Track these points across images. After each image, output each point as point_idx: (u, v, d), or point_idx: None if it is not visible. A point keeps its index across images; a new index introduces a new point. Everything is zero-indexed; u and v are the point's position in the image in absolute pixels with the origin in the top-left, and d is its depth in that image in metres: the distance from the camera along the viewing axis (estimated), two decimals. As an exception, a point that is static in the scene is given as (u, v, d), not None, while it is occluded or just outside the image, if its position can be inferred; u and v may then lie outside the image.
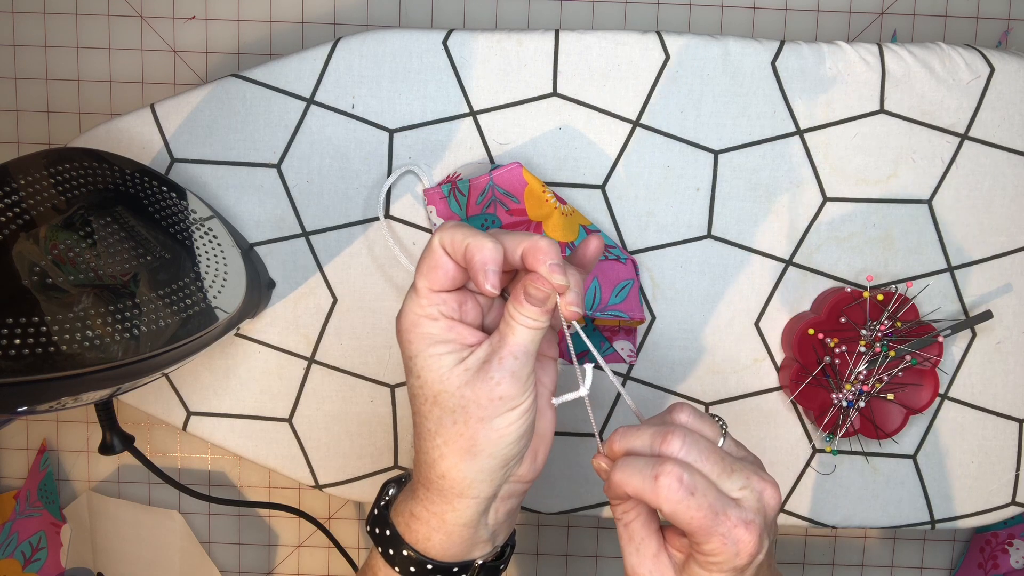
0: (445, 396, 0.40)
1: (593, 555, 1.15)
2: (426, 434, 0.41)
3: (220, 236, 0.54)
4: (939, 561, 1.14)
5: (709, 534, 0.36)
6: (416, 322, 0.40)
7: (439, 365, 0.40)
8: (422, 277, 0.40)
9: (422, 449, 0.41)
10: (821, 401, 0.60)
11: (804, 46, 0.60)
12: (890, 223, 0.61)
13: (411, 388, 0.41)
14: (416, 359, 0.40)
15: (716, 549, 0.37)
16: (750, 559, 0.37)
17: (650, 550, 0.39)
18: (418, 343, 0.40)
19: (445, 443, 0.40)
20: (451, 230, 0.39)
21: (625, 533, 0.40)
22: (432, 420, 0.40)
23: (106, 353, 0.42)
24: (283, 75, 0.60)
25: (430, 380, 0.40)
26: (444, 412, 0.40)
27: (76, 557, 1.12)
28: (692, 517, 0.36)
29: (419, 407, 0.41)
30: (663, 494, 0.36)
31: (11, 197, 0.44)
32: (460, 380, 0.39)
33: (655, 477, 0.36)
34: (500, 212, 0.59)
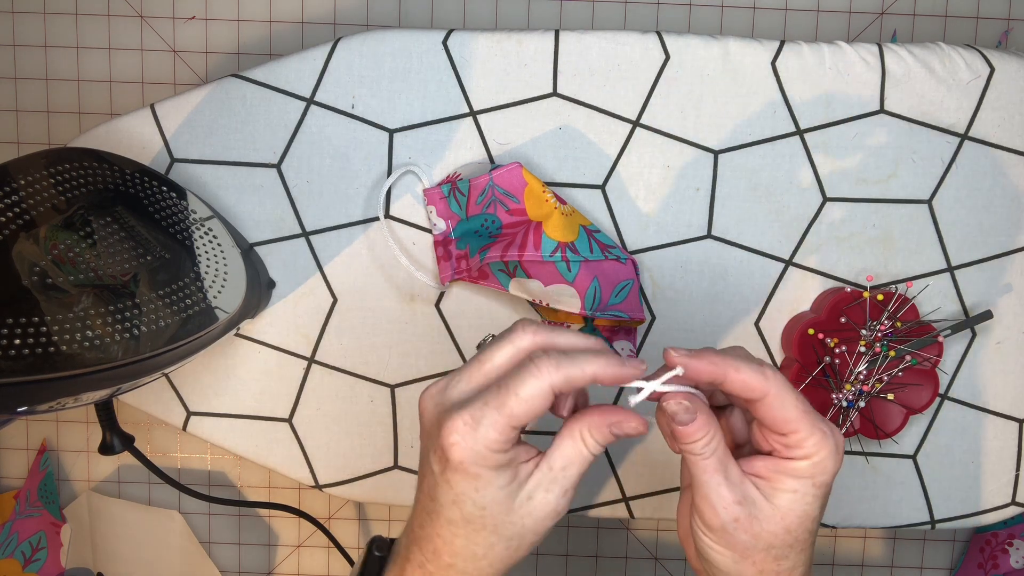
0: (506, 527, 0.38)
1: (593, 555, 1.15)
2: (470, 557, 0.39)
3: (220, 236, 0.54)
4: (939, 561, 1.14)
5: (812, 427, 0.37)
6: (488, 457, 0.37)
7: (505, 497, 0.38)
8: (512, 418, 0.36)
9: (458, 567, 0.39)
10: (821, 401, 0.60)
11: (804, 46, 0.60)
12: (890, 223, 0.61)
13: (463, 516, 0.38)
14: (483, 492, 0.37)
15: (818, 446, 0.37)
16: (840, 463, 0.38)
17: (737, 476, 0.39)
18: (487, 476, 0.37)
19: (491, 564, 0.39)
20: (556, 369, 0.36)
21: (710, 465, 0.38)
22: (483, 546, 0.39)
23: (106, 353, 0.42)
24: (283, 75, 0.60)
25: (495, 512, 0.38)
26: (500, 539, 0.39)
27: (76, 557, 1.12)
28: (797, 400, 0.37)
29: (469, 534, 0.39)
30: (771, 376, 0.37)
31: (11, 197, 0.44)
32: (524, 511, 0.38)
33: (761, 366, 0.37)
34: (500, 212, 0.59)
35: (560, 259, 0.58)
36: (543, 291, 0.58)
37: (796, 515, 0.38)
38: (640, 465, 0.63)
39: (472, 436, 0.36)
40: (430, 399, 0.39)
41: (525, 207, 0.59)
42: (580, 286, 0.58)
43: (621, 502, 0.63)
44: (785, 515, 0.38)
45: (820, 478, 0.38)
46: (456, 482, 0.37)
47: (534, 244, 0.58)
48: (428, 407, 0.39)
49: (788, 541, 0.39)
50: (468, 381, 0.39)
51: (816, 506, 0.39)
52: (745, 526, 0.38)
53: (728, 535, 0.39)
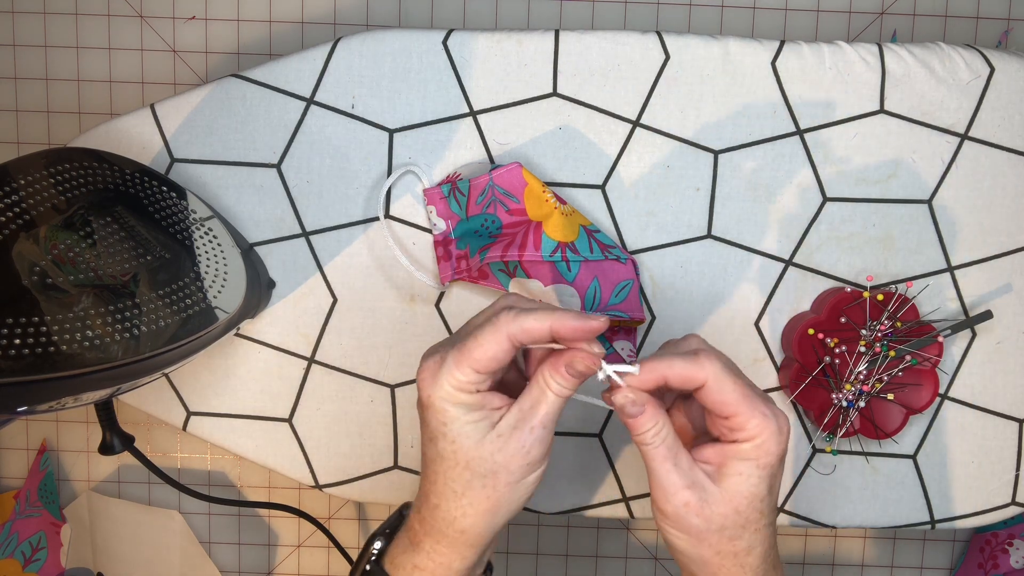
0: (478, 462, 0.41)
1: (593, 555, 1.15)
2: (451, 495, 0.42)
3: (220, 236, 0.54)
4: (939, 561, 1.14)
5: (752, 409, 0.39)
6: (452, 395, 0.40)
7: (474, 431, 0.41)
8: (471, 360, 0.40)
9: (442, 507, 0.42)
10: (821, 401, 0.60)
11: (804, 46, 0.60)
12: (890, 223, 0.61)
13: (438, 452, 0.41)
14: (450, 426, 0.41)
15: (759, 427, 0.39)
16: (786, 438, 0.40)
17: (686, 462, 0.41)
18: (453, 412, 0.40)
19: (471, 503, 0.41)
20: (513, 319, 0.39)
21: (658, 453, 0.41)
22: (460, 483, 0.41)
23: (106, 353, 0.42)
24: (283, 75, 0.60)
25: (465, 446, 0.41)
26: (474, 476, 0.41)
27: (76, 557, 1.12)
28: (735, 382, 0.39)
29: (446, 471, 0.41)
30: (707, 364, 0.39)
31: (11, 197, 0.44)
32: (494, 447, 0.41)
33: (695, 353, 0.40)
34: (500, 212, 0.59)
35: (560, 259, 0.58)
36: (543, 291, 0.58)
37: (744, 496, 0.40)
38: (640, 465, 0.63)
39: (436, 374, 0.40)
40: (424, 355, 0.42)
41: (525, 207, 0.59)
42: (580, 286, 0.58)
43: (621, 502, 0.63)
44: (733, 497, 0.40)
45: (764, 459, 0.40)
46: (428, 419, 0.41)
47: (534, 244, 0.58)
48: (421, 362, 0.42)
49: (739, 522, 0.40)
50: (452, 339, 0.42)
51: (763, 487, 0.40)
52: (696, 510, 0.40)
53: (681, 519, 0.41)
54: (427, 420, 0.41)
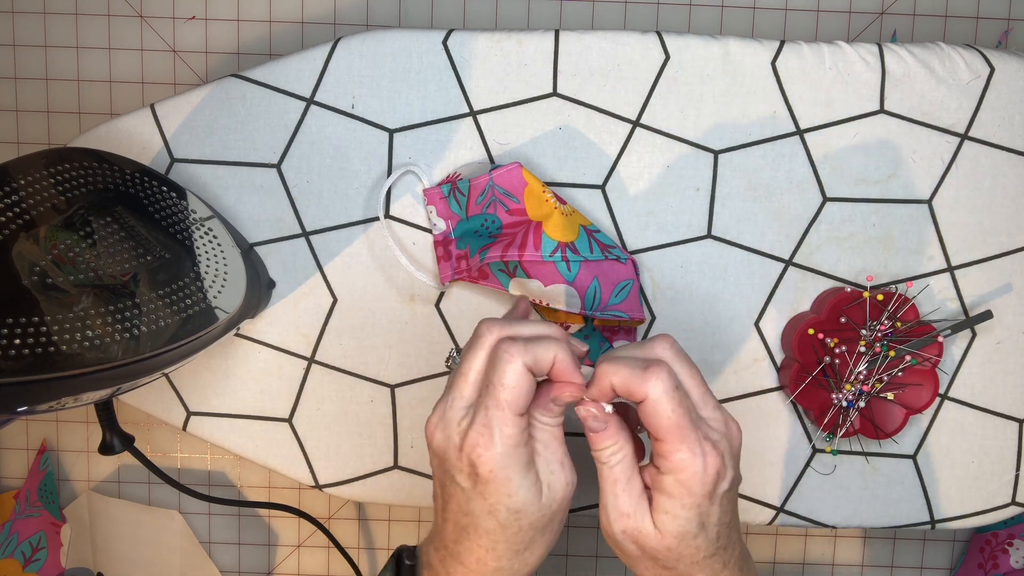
0: (539, 519, 0.40)
1: (593, 555, 1.15)
2: (513, 555, 0.41)
3: (220, 236, 0.54)
4: (939, 561, 1.14)
5: (682, 439, 0.38)
6: (511, 454, 0.39)
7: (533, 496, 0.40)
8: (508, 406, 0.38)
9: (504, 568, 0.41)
10: (821, 401, 0.60)
11: (804, 46, 0.60)
12: (890, 223, 0.61)
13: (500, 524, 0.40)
14: (515, 496, 0.39)
15: (684, 461, 0.38)
16: (715, 480, 0.39)
17: (636, 490, 0.40)
18: (517, 480, 0.39)
19: (533, 553, 0.41)
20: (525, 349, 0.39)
21: (611, 475, 0.41)
22: (524, 541, 0.40)
23: (106, 353, 0.42)
24: (283, 75, 0.60)
25: (530, 511, 0.40)
26: (537, 532, 0.41)
27: (76, 557, 1.12)
28: (673, 411, 0.38)
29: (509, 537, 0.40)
30: (651, 380, 0.38)
31: (11, 197, 0.44)
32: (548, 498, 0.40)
33: (645, 368, 0.38)
34: (500, 212, 0.59)
35: (560, 259, 0.58)
36: (543, 291, 0.58)
37: (672, 535, 0.39)
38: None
39: (492, 441, 0.38)
40: (435, 427, 0.41)
41: (525, 207, 0.59)
42: (580, 286, 0.58)
43: (621, 502, 0.63)
44: (664, 535, 0.40)
45: (687, 499, 0.39)
46: (489, 493, 0.39)
47: (534, 244, 0.58)
48: (436, 435, 0.40)
49: (672, 556, 0.40)
50: (461, 397, 0.40)
51: (691, 526, 0.39)
52: (632, 537, 0.40)
53: (618, 543, 0.41)
54: (487, 494, 0.39)
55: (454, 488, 0.41)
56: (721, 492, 0.40)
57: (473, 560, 0.41)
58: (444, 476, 0.41)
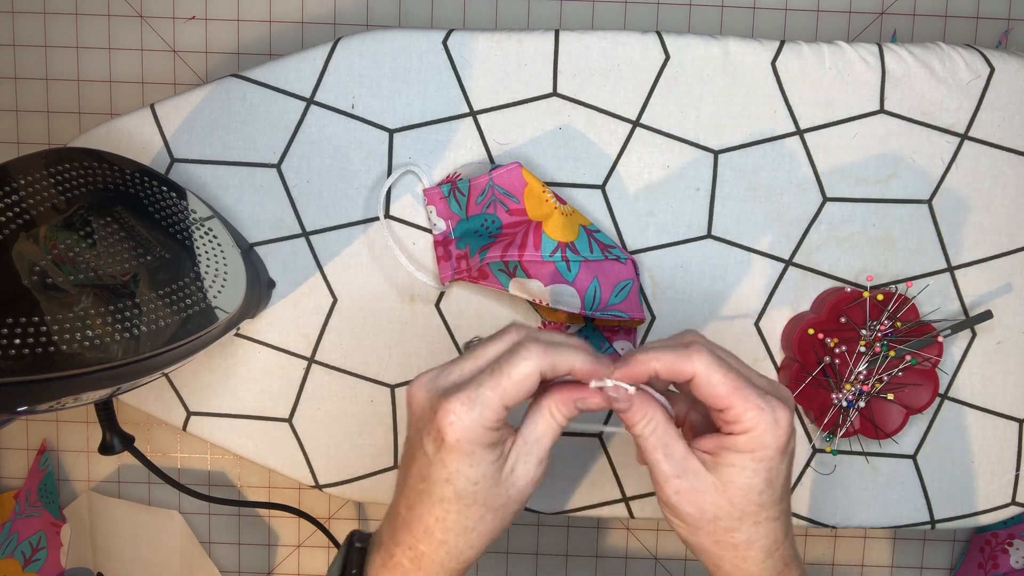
0: (494, 498, 0.41)
1: (593, 555, 1.15)
2: (461, 531, 0.41)
3: (220, 236, 0.54)
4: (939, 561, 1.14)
5: (745, 401, 0.39)
6: (483, 435, 0.39)
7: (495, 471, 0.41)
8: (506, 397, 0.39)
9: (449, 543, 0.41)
10: (821, 401, 0.60)
11: (804, 46, 0.60)
12: (890, 223, 0.61)
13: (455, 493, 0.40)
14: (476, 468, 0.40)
15: (754, 420, 0.39)
16: (788, 434, 0.39)
17: (678, 452, 0.41)
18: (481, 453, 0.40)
19: (480, 536, 0.41)
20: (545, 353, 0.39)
21: (649, 444, 0.41)
22: (474, 519, 0.41)
23: (106, 353, 0.42)
24: (283, 75, 0.60)
25: (485, 487, 0.40)
26: (488, 511, 0.41)
27: (76, 557, 1.12)
28: (725, 375, 0.39)
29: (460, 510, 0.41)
30: (695, 356, 0.39)
31: (11, 197, 0.44)
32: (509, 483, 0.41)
33: (686, 345, 0.39)
34: (500, 212, 0.59)
35: (560, 259, 0.58)
36: (543, 291, 0.58)
37: (737, 488, 0.40)
38: (640, 465, 0.63)
39: (468, 416, 0.39)
40: (422, 387, 0.41)
41: (525, 207, 0.59)
42: (580, 286, 0.58)
43: (621, 502, 0.63)
44: (727, 488, 0.40)
45: (760, 452, 0.39)
46: (451, 460, 0.39)
47: (534, 244, 0.58)
48: (419, 394, 0.41)
49: (734, 513, 0.40)
50: (461, 371, 0.41)
51: (758, 479, 0.40)
52: (688, 498, 0.40)
53: (674, 507, 0.41)
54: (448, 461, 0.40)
55: (419, 452, 0.41)
56: (792, 448, 0.40)
57: (421, 529, 0.41)
58: (414, 438, 0.42)
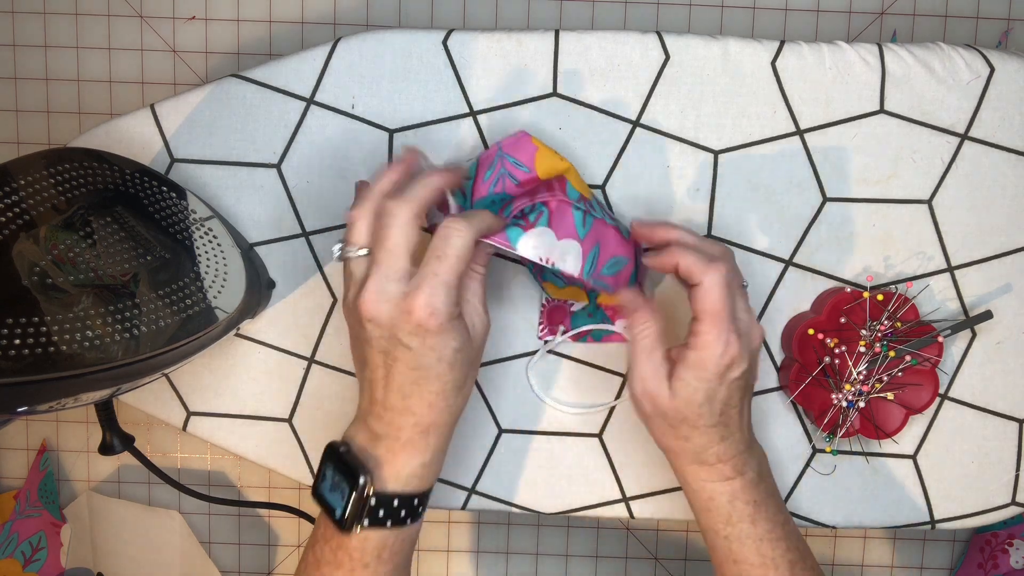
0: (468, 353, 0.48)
1: (593, 555, 1.15)
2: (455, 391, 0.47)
3: (220, 236, 0.54)
4: (939, 561, 1.14)
5: (714, 324, 0.47)
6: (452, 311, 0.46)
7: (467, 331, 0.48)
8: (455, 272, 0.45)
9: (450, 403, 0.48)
10: (821, 401, 0.60)
11: (804, 46, 0.60)
12: (890, 223, 0.61)
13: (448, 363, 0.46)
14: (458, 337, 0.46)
15: (707, 342, 0.47)
16: (728, 365, 0.48)
17: (657, 358, 0.50)
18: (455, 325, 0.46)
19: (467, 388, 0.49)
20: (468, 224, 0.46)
21: (637, 346, 0.50)
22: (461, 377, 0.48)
23: (106, 353, 0.42)
24: (283, 75, 0.60)
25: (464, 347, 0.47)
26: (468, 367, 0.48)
27: (76, 557, 1.13)
28: (719, 298, 0.47)
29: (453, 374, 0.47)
30: (712, 272, 0.47)
31: (11, 197, 0.44)
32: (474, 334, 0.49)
33: (710, 260, 0.48)
34: (510, 187, 0.56)
35: (583, 209, 0.55)
36: (553, 244, 0.54)
37: (682, 399, 0.49)
38: (640, 465, 0.63)
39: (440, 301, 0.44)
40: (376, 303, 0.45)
41: (537, 174, 0.56)
42: (586, 246, 0.56)
43: (621, 502, 0.63)
44: (675, 395, 0.49)
45: (701, 372, 0.48)
46: (436, 342, 0.45)
47: (561, 189, 0.56)
48: (381, 308, 0.45)
49: (678, 417, 0.49)
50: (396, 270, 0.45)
51: (699, 395, 0.48)
52: (648, 396, 0.50)
53: (636, 399, 0.51)
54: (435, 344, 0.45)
55: (401, 351, 0.46)
56: (732, 377, 0.48)
57: (424, 405, 0.47)
58: (388, 344, 0.46)
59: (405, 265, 0.45)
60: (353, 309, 0.47)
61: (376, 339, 0.46)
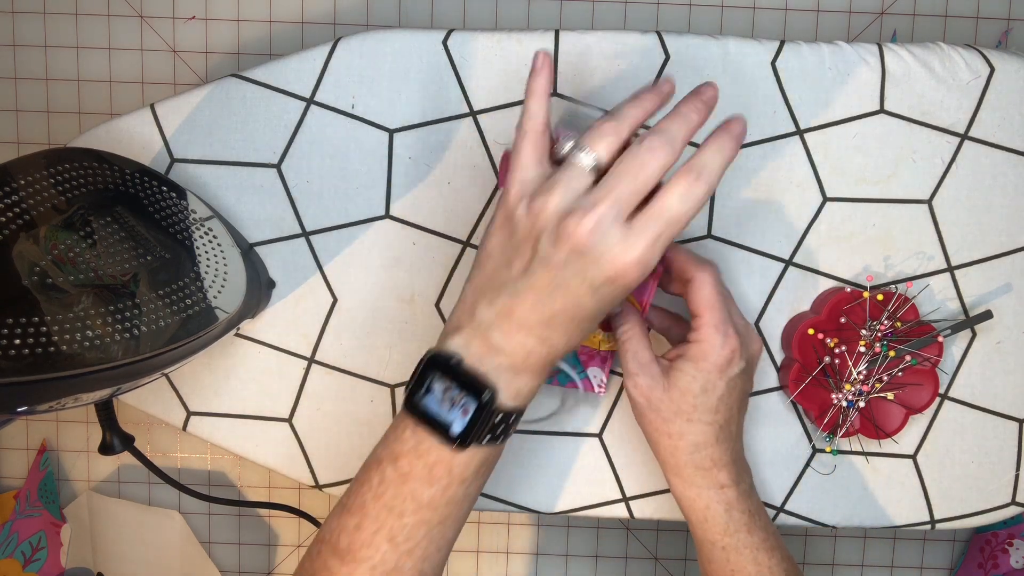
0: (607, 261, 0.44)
1: (593, 555, 1.15)
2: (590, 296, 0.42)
3: (220, 236, 0.54)
4: (939, 561, 1.14)
5: (711, 320, 0.48)
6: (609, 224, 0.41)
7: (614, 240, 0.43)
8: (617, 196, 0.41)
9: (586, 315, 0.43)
10: (821, 401, 0.60)
11: (804, 46, 0.60)
12: (890, 223, 0.61)
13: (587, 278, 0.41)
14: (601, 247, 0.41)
15: (708, 335, 0.49)
16: (728, 358, 0.49)
17: (645, 358, 0.51)
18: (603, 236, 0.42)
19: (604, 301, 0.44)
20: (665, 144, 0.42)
21: (625, 347, 0.51)
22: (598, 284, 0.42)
23: (106, 353, 0.42)
24: (283, 75, 0.60)
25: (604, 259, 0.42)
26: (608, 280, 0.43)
27: (76, 557, 1.13)
28: (714, 289, 0.49)
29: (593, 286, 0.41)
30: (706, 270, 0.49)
31: (11, 197, 0.44)
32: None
33: (705, 266, 0.49)
34: None
35: None
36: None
37: (678, 388, 0.49)
38: (640, 465, 0.63)
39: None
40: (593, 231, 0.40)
41: None
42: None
43: (621, 502, 0.63)
44: (671, 387, 0.50)
45: (702, 363, 0.49)
46: (575, 259, 0.40)
47: None
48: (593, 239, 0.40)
49: (672, 408, 0.50)
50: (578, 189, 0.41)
51: (696, 385, 0.49)
52: (641, 391, 0.51)
53: (631, 395, 0.52)
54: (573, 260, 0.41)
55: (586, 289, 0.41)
56: (731, 374, 0.49)
57: (568, 317, 0.42)
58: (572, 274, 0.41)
59: (590, 184, 0.41)
60: (543, 215, 0.42)
61: (562, 264, 0.41)
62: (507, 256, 0.44)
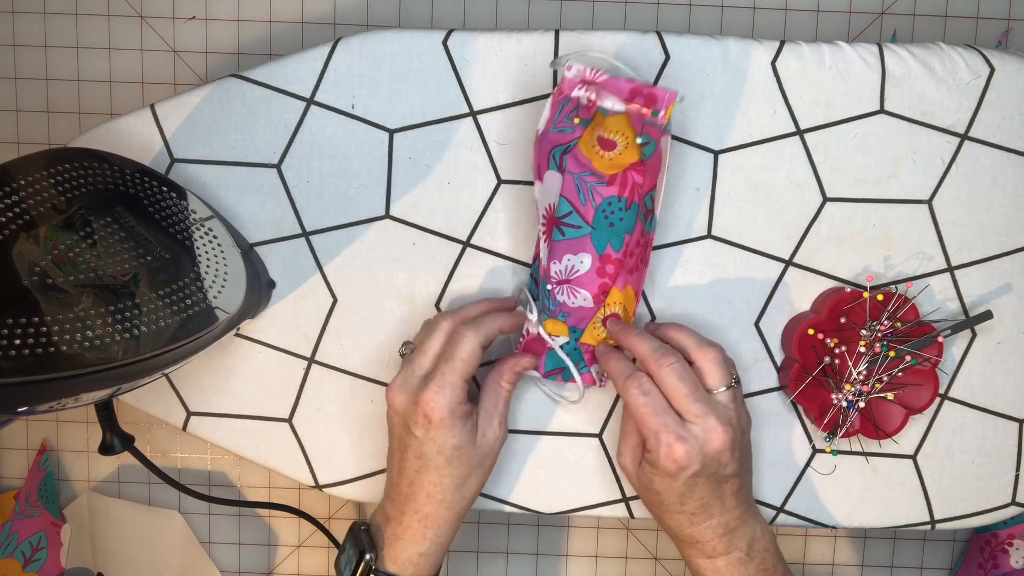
0: (472, 456, 0.53)
1: (593, 555, 1.15)
2: (454, 487, 0.53)
3: (220, 236, 0.54)
4: (939, 561, 1.14)
5: (649, 430, 0.51)
6: (456, 409, 0.51)
7: (470, 434, 0.52)
8: (464, 374, 0.52)
9: (449, 499, 0.53)
10: (821, 401, 0.60)
11: (804, 46, 0.60)
12: (890, 223, 0.61)
13: (446, 460, 0.52)
14: (458, 436, 0.52)
15: (652, 446, 0.51)
16: (676, 467, 0.50)
17: (632, 442, 0.56)
18: (458, 424, 0.51)
19: (468, 488, 0.54)
20: (476, 330, 0.52)
21: (626, 419, 0.57)
22: (462, 476, 0.53)
23: (106, 353, 0.42)
24: (283, 75, 0.60)
25: (466, 448, 0.52)
26: (471, 468, 0.53)
27: (76, 557, 1.12)
28: (638, 407, 0.52)
29: (453, 471, 0.52)
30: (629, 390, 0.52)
31: (11, 197, 0.44)
32: (481, 442, 0.54)
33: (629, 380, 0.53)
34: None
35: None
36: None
37: (642, 484, 0.55)
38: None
39: (443, 398, 0.51)
40: (398, 392, 0.53)
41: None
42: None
43: (621, 502, 0.63)
44: (638, 479, 0.55)
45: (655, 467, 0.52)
46: (438, 435, 0.51)
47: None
48: (398, 397, 0.53)
49: (647, 499, 0.56)
50: (420, 368, 0.53)
51: (654, 485, 0.52)
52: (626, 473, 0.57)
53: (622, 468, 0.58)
54: (436, 437, 0.51)
55: (410, 438, 0.52)
56: (685, 476, 0.51)
57: (424, 495, 0.52)
58: (402, 430, 0.53)
59: (429, 366, 0.53)
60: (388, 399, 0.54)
61: (395, 425, 0.54)
62: (390, 439, 0.58)
